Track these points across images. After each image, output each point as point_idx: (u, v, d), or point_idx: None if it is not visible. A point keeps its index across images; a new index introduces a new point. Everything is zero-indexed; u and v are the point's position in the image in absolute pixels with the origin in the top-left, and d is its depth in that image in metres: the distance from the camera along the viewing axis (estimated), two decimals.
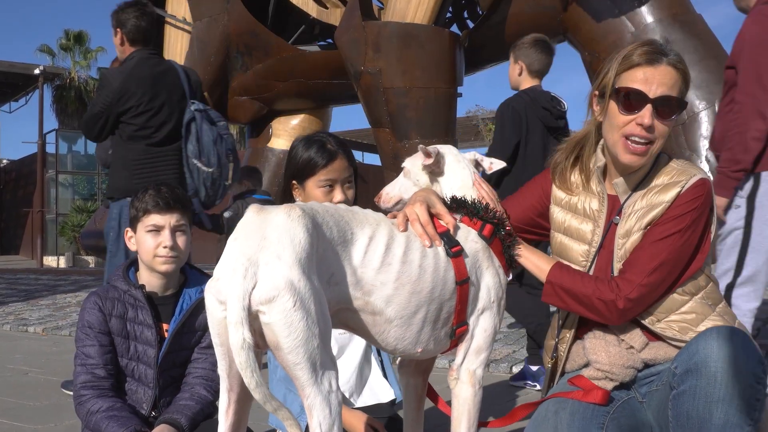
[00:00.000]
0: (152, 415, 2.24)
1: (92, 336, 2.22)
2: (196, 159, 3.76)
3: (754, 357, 1.63)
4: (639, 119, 1.77)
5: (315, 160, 2.23)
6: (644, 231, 1.83)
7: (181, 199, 2.29)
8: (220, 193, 3.93)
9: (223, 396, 1.58)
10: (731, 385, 1.61)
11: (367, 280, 1.61)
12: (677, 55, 1.81)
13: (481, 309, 1.80)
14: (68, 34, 34.24)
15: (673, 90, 1.78)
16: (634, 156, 1.81)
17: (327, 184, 2.24)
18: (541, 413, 1.87)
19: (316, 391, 1.45)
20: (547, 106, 3.58)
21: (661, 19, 7.15)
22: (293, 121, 9.51)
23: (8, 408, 3.55)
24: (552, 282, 1.87)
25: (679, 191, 1.80)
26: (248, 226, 1.50)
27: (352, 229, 1.63)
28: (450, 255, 1.73)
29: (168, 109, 3.76)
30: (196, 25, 8.94)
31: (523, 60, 3.66)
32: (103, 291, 2.29)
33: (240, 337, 1.39)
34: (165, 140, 3.75)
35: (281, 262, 1.44)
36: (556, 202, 2.00)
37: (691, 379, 1.66)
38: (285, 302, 1.42)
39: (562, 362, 1.99)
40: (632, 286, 1.77)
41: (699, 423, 1.64)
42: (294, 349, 1.43)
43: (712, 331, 1.69)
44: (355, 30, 7.36)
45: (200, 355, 2.30)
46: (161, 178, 3.56)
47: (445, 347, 1.81)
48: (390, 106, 7.35)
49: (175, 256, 2.24)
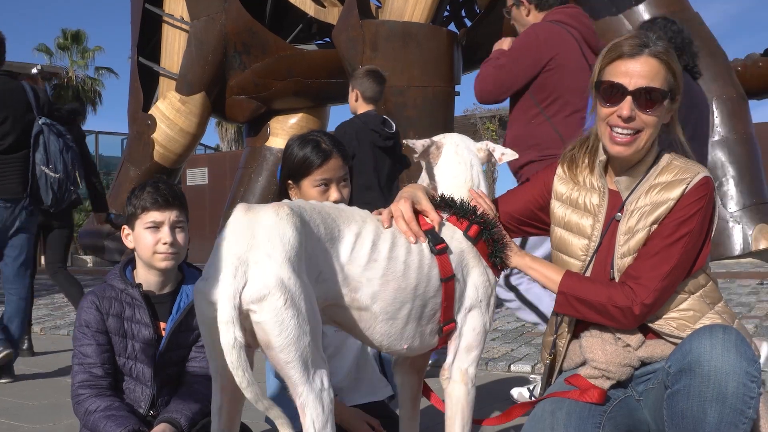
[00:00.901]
0: (150, 414, 2.24)
1: (89, 335, 2.22)
2: (44, 166, 4.27)
3: (747, 355, 1.63)
4: (618, 111, 1.79)
5: (310, 160, 2.23)
6: (649, 228, 1.82)
7: (179, 195, 2.29)
8: (67, 197, 4.42)
9: (216, 395, 1.58)
10: (724, 384, 1.61)
11: (353, 277, 1.62)
12: (663, 46, 1.81)
13: (468, 307, 1.80)
14: (66, 33, 34.20)
15: (655, 81, 1.78)
16: (620, 146, 1.82)
17: (322, 184, 2.25)
18: (537, 412, 1.87)
19: (308, 389, 1.46)
20: (377, 129, 4.08)
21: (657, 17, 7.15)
22: (291, 120, 9.50)
23: (6, 407, 3.55)
24: (565, 293, 1.85)
25: (685, 189, 1.80)
26: (236, 226, 1.50)
27: (339, 226, 1.64)
28: (434, 252, 1.73)
29: (12, 121, 4.21)
30: (193, 23, 8.93)
31: (358, 88, 4.19)
32: (100, 290, 2.29)
33: (231, 337, 1.39)
34: (9, 149, 4.23)
35: (271, 261, 1.44)
36: (557, 197, 2.00)
37: (685, 378, 1.66)
38: (276, 301, 1.42)
39: (560, 359, 1.99)
40: (648, 291, 1.77)
41: (694, 422, 1.64)
42: (285, 347, 1.43)
43: (705, 330, 1.69)
44: (353, 29, 7.35)
45: (198, 354, 2.30)
46: (6, 182, 4.16)
47: (432, 345, 1.82)
48: (388, 104, 7.34)
49: (174, 253, 2.23)
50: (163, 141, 9.03)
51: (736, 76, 7.18)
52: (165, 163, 9.14)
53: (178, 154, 9.23)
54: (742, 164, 6.78)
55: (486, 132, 20.14)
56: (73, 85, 32.73)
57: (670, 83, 1.81)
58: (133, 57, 9.38)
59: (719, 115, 6.86)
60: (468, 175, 1.93)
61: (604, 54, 1.85)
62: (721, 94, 6.91)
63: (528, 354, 4.49)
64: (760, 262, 7.24)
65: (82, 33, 34.19)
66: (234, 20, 8.73)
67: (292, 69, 8.73)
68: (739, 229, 6.70)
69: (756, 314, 5.14)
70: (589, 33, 3.40)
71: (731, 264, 7.29)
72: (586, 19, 3.46)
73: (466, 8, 8.88)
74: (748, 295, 5.99)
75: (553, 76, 3.22)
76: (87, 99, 33.41)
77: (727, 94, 6.94)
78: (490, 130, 20.11)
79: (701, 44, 7.20)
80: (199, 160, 18.20)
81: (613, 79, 1.80)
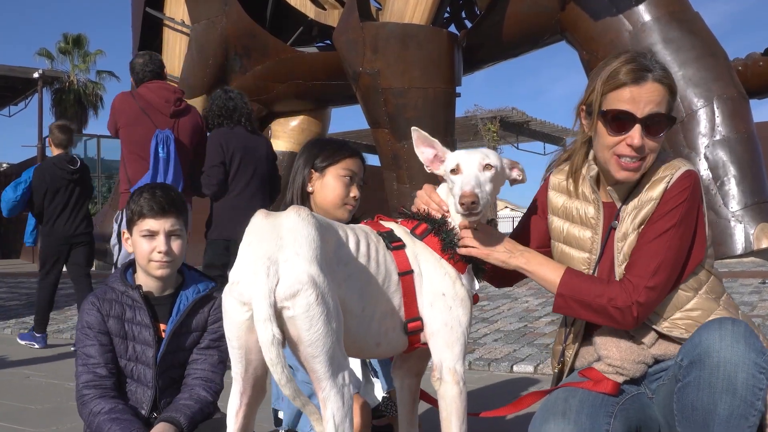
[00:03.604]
0: (153, 416, 2.25)
1: (92, 336, 2.22)
2: None
3: (756, 347, 1.62)
4: (629, 140, 1.77)
5: (343, 150, 2.35)
6: (638, 231, 1.83)
7: (176, 202, 2.28)
8: None
9: (235, 399, 1.60)
10: (734, 375, 1.61)
11: (341, 277, 1.66)
12: (662, 69, 1.80)
13: (430, 301, 1.82)
14: (67, 37, 34.28)
15: (661, 106, 1.78)
16: (629, 173, 1.81)
17: (349, 175, 2.33)
18: (551, 399, 1.87)
19: (331, 383, 1.51)
20: (62, 167, 5.65)
21: (658, 18, 7.15)
22: (292, 123, 9.51)
23: (9, 411, 3.56)
24: (564, 295, 1.84)
25: (666, 186, 1.80)
26: (260, 230, 1.55)
27: (335, 228, 1.73)
28: (389, 248, 1.81)
29: None
30: (194, 27, 8.94)
31: (51, 138, 5.70)
32: (101, 292, 2.29)
33: (269, 334, 1.43)
34: None
35: (300, 258, 1.49)
36: (554, 211, 2.01)
37: (695, 370, 1.65)
38: (308, 296, 1.47)
39: (567, 369, 1.99)
40: (639, 290, 1.77)
41: (704, 414, 1.64)
42: (314, 342, 1.48)
43: (715, 323, 1.69)
44: (353, 31, 7.36)
45: (199, 356, 2.31)
46: None
47: (403, 343, 1.84)
48: (388, 106, 7.36)
49: (169, 261, 2.23)
50: None
51: (737, 76, 7.18)
52: None
53: None
54: (744, 163, 6.78)
55: (487, 133, 20.15)
56: (75, 89, 32.77)
57: (671, 105, 1.81)
58: None
59: (720, 114, 6.86)
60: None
61: (605, 80, 1.82)
62: (722, 94, 6.90)
63: (530, 354, 4.49)
64: (762, 261, 7.23)
65: (83, 37, 34.28)
66: (234, 23, 8.74)
67: (292, 71, 8.74)
68: (741, 229, 6.70)
69: (758, 313, 5.13)
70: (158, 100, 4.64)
71: (733, 263, 7.28)
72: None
73: (467, 10, 8.89)
74: (750, 294, 5.98)
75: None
76: (88, 103, 33.48)
77: (728, 93, 6.93)
78: (491, 131, 20.11)
79: (702, 44, 7.23)
80: None
81: (620, 107, 1.78)
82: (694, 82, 6.90)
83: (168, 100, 4.61)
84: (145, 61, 4.73)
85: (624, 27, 7.24)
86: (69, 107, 32.06)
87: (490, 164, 1.82)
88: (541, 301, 6.22)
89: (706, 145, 6.87)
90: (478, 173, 1.80)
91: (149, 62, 4.72)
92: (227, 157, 4.42)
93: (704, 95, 6.89)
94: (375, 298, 1.74)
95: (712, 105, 6.85)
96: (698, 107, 6.88)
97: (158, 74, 4.73)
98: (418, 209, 1.93)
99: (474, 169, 1.81)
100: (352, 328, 1.70)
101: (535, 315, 5.70)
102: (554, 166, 2.07)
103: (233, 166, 4.44)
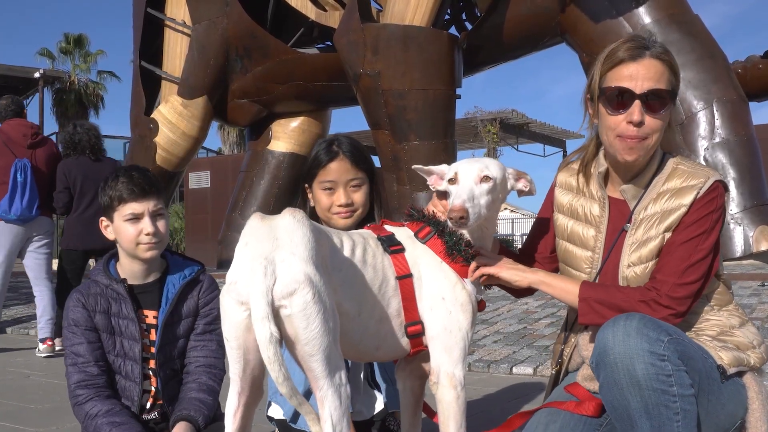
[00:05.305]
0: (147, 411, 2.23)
1: (79, 334, 2.19)
2: None
3: (650, 337, 1.58)
4: (629, 116, 1.76)
5: (317, 160, 2.29)
6: (663, 236, 1.79)
7: (154, 182, 2.25)
8: None
9: (233, 399, 1.61)
10: (632, 369, 1.57)
11: (337, 282, 1.66)
12: (662, 47, 1.79)
13: (430, 305, 1.82)
14: (68, 37, 34.29)
15: (661, 82, 1.76)
16: (633, 153, 1.78)
17: (327, 187, 2.27)
18: (532, 424, 1.86)
19: (329, 383, 1.52)
20: None
21: (658, 20, 7.15)
22: (293, 124, 9.51)
23: (9, 411, 3.57)
24: (586, 299, 1.79)
25: (697, 194, 1.77)
26: (257, 231, 1.57)
27: (328, 233, 1.74)
28: (388, 252, 1.81)
29: None
30: (195, 28, 8.95)
31: None
32: (85, 288, 2.26)
33: (267, 332, 1.44)
34: None
35: (296, 258, 1.51)
36: (559, 209, 2.00)
37: (601, 371, 1.64)
38: (305, 294, 1.48)
39: (565, 368, 2.00)
40: (669, 285, 1.72)
41: (623, 411, 1.62)
42: (311, 340, 1.49)
43: (609, 321, 1.66)
44: (354, 32, 7.37)
45: (198, 343, 2.28)
46: None
47: (404, 347, 1.84)
48: (389, 107, 7.35)
49: (157, 242, 2.21)
50: (166, 144, 9.05)
51: (736, 78, 7.18)
52: (167, 166, 9.16)
53: (180, 157, 9.25)
54: (743, 166, 6.78)
55: (487, 135, 20.14)
56: (76, 89, 32.77)
57: (673, 83, 1.79)
58: (135, 61, 9.41)
59: (720, 117, 6.86)
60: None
61: (603, 61, 1.82)
62: (722, 96, 6.90)
63: (530, 356, 4.49)
64: (762, 263, 7.24)
65: (84, 37, 34.27)
66: (235, 24, 8.75)
67: (293, 72, 8.74)
68: (740, 231, 6.70)
69: (758, 316, 5.14)
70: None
71: (732, 266, 7.28)
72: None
73: (467, 11, 8.89)
74: (750, 297, 5.99)
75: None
76: (89, 103, 33.45)
77: (727, 96, 6.94)
78: (492, 132, 20.10)
79: (701, 46, 7.23)
80: (201, 164, 18.22)
81: (618, 84, 1.77)
82: (693, 85, 6.90)
83: (25, 134, 5.60)
84: (7, 102, 5.77)
85: (624, 29, 7.23)
86: (70, 107, 32.06)
87: (489, 176, 1.81)
88: (541, 303, 6.22)
89: (706, 147, 6.87)
90: (474, 186, 1.78)
91: (11, 104, 5.77)
92: (70, 183, 5.54)
93: (704, 98, 6.89)
94: (372, 302, 1.74)
95: (712, 107, 6.85)
96: (698, 110, 6.88)
97: (18, 113, 5.77)
98: (427, 211, 1.93)
99: (470, 181, 1.79)
100: (351, 332, 1.70)
101: (534, 317, 5.71)
102: (564, 164, 2.06)
103: (76, 189, 5.55)
